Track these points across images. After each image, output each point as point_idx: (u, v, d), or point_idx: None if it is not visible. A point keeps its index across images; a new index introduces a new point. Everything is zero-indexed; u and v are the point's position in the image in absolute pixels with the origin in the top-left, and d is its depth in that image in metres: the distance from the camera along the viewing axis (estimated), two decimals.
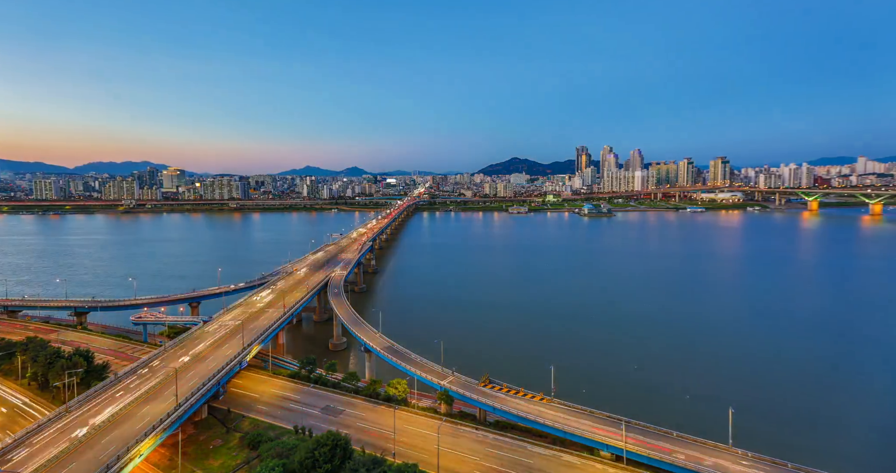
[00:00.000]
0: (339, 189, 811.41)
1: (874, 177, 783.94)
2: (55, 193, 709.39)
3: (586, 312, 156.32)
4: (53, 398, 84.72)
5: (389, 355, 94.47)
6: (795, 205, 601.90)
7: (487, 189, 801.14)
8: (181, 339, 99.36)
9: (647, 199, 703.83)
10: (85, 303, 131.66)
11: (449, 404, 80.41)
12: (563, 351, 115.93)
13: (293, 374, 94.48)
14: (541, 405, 75.81)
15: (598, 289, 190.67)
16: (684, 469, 60.94)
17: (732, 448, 63.61)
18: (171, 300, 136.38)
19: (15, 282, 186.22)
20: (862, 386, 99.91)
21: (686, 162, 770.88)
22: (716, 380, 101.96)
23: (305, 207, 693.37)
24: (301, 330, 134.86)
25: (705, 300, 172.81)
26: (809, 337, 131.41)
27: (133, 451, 59.77)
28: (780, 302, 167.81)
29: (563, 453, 67.49)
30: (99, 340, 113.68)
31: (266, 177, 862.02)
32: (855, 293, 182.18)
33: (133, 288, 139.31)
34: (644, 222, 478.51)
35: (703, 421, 76.48)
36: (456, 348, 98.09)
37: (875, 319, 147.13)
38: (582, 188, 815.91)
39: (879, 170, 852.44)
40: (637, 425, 68.86)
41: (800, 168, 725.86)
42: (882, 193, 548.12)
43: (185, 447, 70.77)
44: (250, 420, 78.82)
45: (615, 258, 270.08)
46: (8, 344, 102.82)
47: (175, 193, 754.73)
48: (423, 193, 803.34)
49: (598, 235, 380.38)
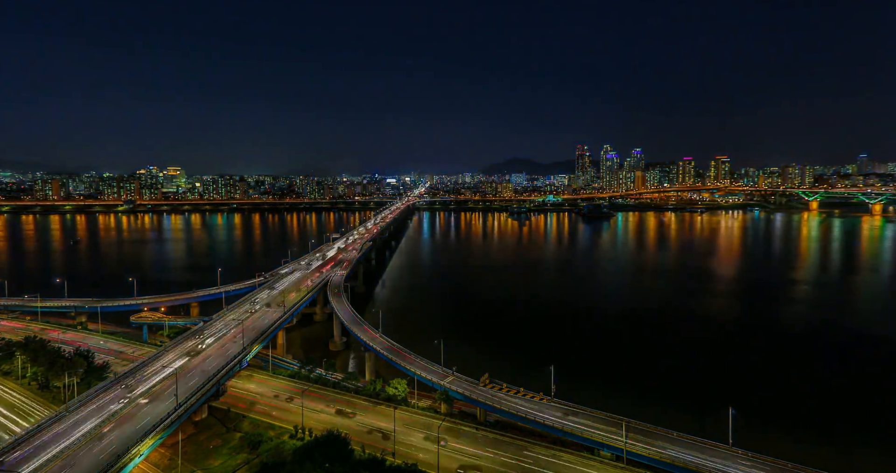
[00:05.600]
0: (339, 189, 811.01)
1: (875, 177, 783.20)
2: (56, 193, 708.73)
3: (586, 312, 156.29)
4: (53, 398, 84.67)
5: (389, 355, 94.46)
6: (796, 206, 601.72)
7: (487, 189, 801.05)
8: (181, 339, 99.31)
9: (647, 199, 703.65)
10: (85, 303, 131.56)
11: (449, 404, 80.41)
12: (563, 351, 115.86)
13: (293, 374, 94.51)
14: (541, 404, 75.80)
15: (598, 289, 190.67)
16: (684, 469, 60.95)
17: (732, 448, 63.60)
18: (171, 300, 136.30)
19: (15, 282, 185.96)
20: (862, 386, 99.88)
21: (686, 162, 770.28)
22: (716, 380, 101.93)
23: (305, 207, 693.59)
24: (301, 330, 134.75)
25: (705, 300, 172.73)
26: (810, 336, 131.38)
27: (133, 451, 59.74)
28: (780, 301, 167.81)
29: (563, 453, 67.51)
30: (99, 340, 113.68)
31: (266, 177, 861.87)
32: (855, 293, 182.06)
33: (133, 288, 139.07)
34: (644, 222, 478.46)
35: (703, 421, 76.41)
36: (456, 348, 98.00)
37: (879, 318, 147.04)
38: (582, 188, 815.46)
39: (880, 170, 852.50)
40: (637, 425, 68.81)
41: (800, 168, 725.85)
42: (882, 193, 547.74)
43: (185, 447, 70.75)
44: (250, 420, 78.89)
45: (615, 258, 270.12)
46: (8, 343, 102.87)
47: (175, 193, 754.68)
48: (423, 193, 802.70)
49: (599, 235, 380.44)
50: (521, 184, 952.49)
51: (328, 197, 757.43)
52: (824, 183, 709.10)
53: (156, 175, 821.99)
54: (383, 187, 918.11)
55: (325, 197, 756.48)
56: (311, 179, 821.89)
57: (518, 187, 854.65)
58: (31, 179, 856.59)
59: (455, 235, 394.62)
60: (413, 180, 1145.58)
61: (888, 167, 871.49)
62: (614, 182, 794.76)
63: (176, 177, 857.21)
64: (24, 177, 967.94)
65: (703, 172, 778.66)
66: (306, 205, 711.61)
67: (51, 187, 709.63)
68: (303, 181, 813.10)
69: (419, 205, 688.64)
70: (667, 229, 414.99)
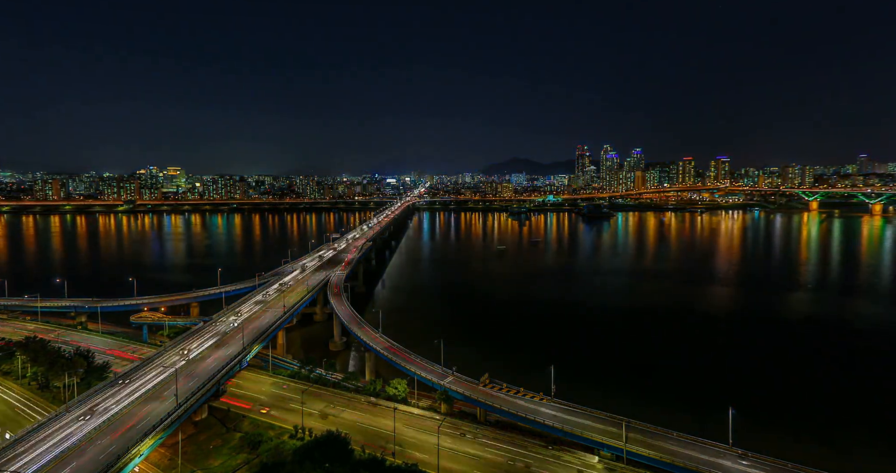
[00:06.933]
0: (339, 189, 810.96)
1: (875, 177, 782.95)
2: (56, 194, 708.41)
3: (586, 312, 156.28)
4: (53, 398, 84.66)
5: (389, 355, 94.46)
6: (796, 206, 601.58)
7: (487, 189, 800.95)
8: (181, 339, 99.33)
9: (647, 199, 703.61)
10: (85, 303, 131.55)
11: (449, 403, 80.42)
12: (563, 351, 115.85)
13: (293, 374, 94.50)
14: (541, 404, 75.80)
15: (598, 289, 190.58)
16: (684, 469, 60.95)
17: (732, 448, 63.60)
18: (171, 300, 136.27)
19: (15, 282, 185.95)
20: (862, 386, 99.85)
21: (686, 162, 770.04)
22: (716, 380, 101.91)
23: (305, 208, 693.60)
24: (301, 330, 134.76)
25: (705, 300, 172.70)
26: (810, 336, 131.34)
27: (133, 451, 59.76)
28: (780, 301, 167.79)
29: (563, 453, 67.53)
30: (99, 340, 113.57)
31: (266, 177, 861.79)
32: (855, 293, 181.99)
33: (133, 289, 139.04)
34: (644, 222, 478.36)
35: (703, 421, 76.37)
36: (456, 348, 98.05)
37: (879, 318, 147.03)
38: (582, 188, 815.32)
39: (880, 170, 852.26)
40: (637, 425, 68.82)
41: (800, 168, 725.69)
42: (882, 193, 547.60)
43: (185, 447, 70.77)
44: (250, 420, 78.89)
45: (615, 258, 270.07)
46: (8, 343, 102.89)
47: (175, 193, 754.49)
48: (423, 193, 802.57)
49: (598, 235, 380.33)
50: (521, 184, 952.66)
51: (328, 197, 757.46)
52: (824, 183, 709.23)
53: (156, 175, 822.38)
54: (383, 187, 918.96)
55: (325, 197, 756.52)
56: (311, 179, 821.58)
57: (518, 187, 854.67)
58: (31, 179, 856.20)
59: (455, 235, 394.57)
60: (413, 180, 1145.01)
61: (888, 167, 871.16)
62: (614, 182, 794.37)
63: (176, 177, 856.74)
64: (24, 177, 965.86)
65: (703, 172, 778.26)
66: (306, 205, 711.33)
67: (51, 187, 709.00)
68: (303, 181, 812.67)
69: (419, 205, 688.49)
70: (667, 229, 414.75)
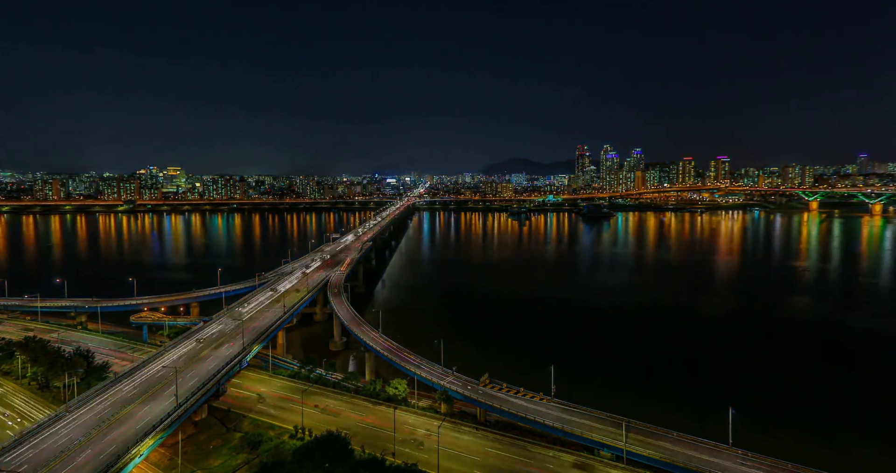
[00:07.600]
0: (339, 189, 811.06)
1: (875, 177, 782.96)
2: (56, 194, 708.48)
3: (586, 312, 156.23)
4: (53, 398, 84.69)
5: (389, 355, 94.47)
6: (796, 206, 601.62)
7: (487, 189, 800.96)
8: (181, 339, 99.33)
9: (647, 199, 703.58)
10: (85, 303, 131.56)
11: (449, 404, 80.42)
12: (562, 351, 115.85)
13: (293, 374, 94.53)
14: (541, 404, 75.81)
15: (598, 289, 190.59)
16: (684, 469, 60.96)
17: (732, 448, 63.61)
18: (171, 300, 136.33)
19: (15, 282, 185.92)
20: (862, 386, 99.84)
21: (686, 162, 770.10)
22: (716, 380, 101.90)
23: (305, 208, 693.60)
24: (301, 330, 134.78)
25: (705, 300, 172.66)
26: (810, 336, 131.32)
27: (133, 451, 59.74)
28: (780, 302, 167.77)
29: (563, 453, 67.52)
30: (99, 340, 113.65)
31: (266, 177, 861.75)
32: (855, 293, 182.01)
33: (133, 289, 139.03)
34: (644, 222, 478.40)
35: (703, 421, 76.40)
36: (456, 348, 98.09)
37: (879, 318, 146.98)
38: (582, 188, 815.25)
39: (880, 170, 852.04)
40: (637, 425, 68.83)
41: (800, 168, 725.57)
42: (882, 193, 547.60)
43: (185, 447, 70.77)
44: (250, 420, 78.88)
45: (615, 258, 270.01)
46: (8, 343, 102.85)
47: (175, 193, 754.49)
48: (423, 193, 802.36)
49: (598, 235, 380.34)
50: (521, 184, 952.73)
51: (328, 197, 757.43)
52: (824, 183, 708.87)
53: (156, 175, 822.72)
54: (383, 187, 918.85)
55: (325, 197, 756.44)
56: (312, 179, 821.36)
57: (518, 187, 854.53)
58: (31, 179, 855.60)
59: (455, 235, 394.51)
60: (413, 180, 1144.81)
61: (888, 167, 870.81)
62: (614, 182, 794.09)
63: (176, 177, 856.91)
64: (24, 177, 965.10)
65: (703, 172, 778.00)
66: (306, 205, 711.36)
67: (51, 187, 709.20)
68: (303, 181, 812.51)
69: (419, 205, 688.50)
70: (667, 229, 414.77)
